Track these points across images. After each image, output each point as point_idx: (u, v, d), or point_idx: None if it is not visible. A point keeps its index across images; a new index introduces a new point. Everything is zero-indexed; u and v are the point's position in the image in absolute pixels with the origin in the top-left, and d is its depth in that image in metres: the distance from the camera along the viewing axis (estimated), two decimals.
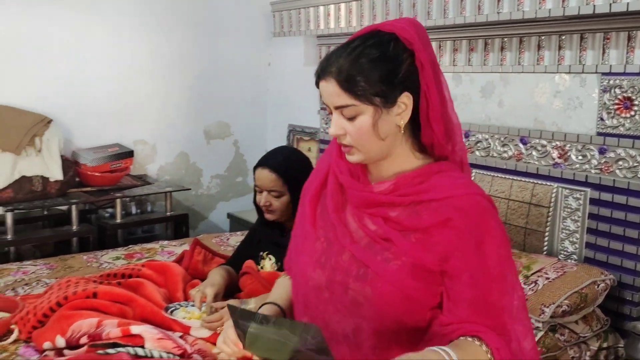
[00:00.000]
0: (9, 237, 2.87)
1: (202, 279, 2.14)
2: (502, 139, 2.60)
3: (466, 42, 2.69)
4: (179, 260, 2.34)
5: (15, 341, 1.91)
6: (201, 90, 3.88)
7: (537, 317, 2.00)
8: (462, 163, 1.18)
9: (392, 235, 1.10)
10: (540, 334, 2.01)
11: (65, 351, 1.77)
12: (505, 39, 2.53)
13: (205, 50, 3.84)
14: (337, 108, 1.11)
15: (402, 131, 1.12)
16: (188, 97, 3.86)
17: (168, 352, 1.70)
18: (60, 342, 1.79)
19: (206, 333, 1.83)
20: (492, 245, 1.07)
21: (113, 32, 3.52)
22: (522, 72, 2.49)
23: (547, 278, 2.10)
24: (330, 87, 1.10)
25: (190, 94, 3.86)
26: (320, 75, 1.11)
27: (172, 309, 1.92)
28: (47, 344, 1.81)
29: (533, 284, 2.09)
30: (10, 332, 1.94)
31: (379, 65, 1.08)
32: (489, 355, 1.03)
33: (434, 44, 2.77)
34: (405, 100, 1.10)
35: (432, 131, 1.12)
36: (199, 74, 3.84)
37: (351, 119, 1.10)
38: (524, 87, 2.50)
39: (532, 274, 2.14)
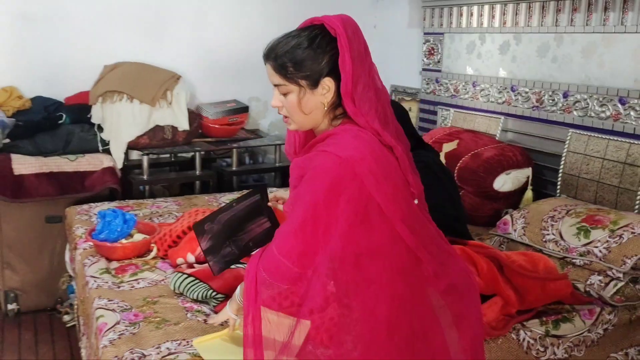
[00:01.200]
0: (144, 177, 3.33)
1: None
2: (600, 99, 2.63)
3: (569, 2, 2.72)
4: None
5: (154, 257, 2.33)
6: None
7: (618, 267, 2.10)
8: (377, 132, 1.36)
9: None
10: (620, 284, 2.11)
11: (195, 265, 2.14)
12: None
13: (315, 13, 4.08)
14: (275, 85, 1.38)
15: (326, 107, 1.36)
16: None
17: None
18: (191, 258, 2.16)
19: None
20: (304, 190, 1.30)
21: (234, 1, 3.85)
22: (625, 32, 2.50)
23: (633, 232, 2.17)
24: (269, 68, 1.38)
25: None
26: (264, 58, 1.39)
27: None
28: (179, 260, 2.19)
29: (618, 238, 2.18)
30: (150, 250, 2.35)
31: (305, 54, 1.33)
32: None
33: (537, 5, 2.83)
34: (328, 84, 1.34)
35: (346, 106, 1.35)
36: None
37: (285, 94, 1.37)
38: (626, 48, 2.51)
39: (618, 229, 2.22)
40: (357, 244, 1.29)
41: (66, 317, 3.02)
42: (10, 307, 3.08)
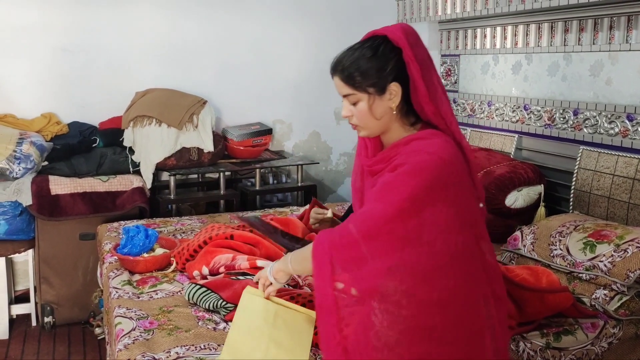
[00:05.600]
0: (171, 196, 3.50)
1: (317, 232, 2.53)
2: (609, 116, 2.66)
3: (576, 22, 2.78)
4: (301, 217, 2.76)
5: (173, 270, 2.47)
6: None
7: (622, 281, 2.12)
8: (453, 135, 1.43)
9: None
10: (625, 298, 2.13)
11: (209, 277, 2.26)
12: (614, 18, 2.59)
13: (337, 38, 4.22)
14: (344, 96, 1.46)
15: (395, 112, 1.44)
16: (321, 81, 4.27)
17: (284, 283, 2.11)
18: (205, 270, 2.29)
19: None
20: (402, 180, 1.34)
21: (257, 27, 4.04)
22: (630, 50, 2.53)
23: (638, 246, 2.18)
24: (337, 81, 1.47)
25: (322, 79, 4.25)
26: (331, 72, 1.48)
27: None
28: (195, 272, 2.32)
29: (622, 252, 2.19)
30: (170, 264, 2.49)
31: (371, 62, 1.42)
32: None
33: (545, 25, 2.90)
34: (394, 88, 1.42)
35: (423, 111, 1.42)
36: (331, 60, 4.23)
37: (354, 104, 1.45)
38: (632, 65, 2.55)
39: (624, 243, 2.23)
40: (450, 246, 1.32)
41: (97, 330, 3.18)
42: (46, 319, 3.26)
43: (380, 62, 1.41)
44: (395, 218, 1.30)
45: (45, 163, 3.32)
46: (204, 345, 1.84)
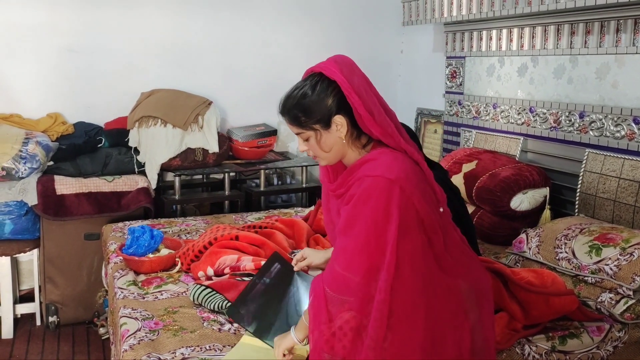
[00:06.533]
0: (176, 197, 3.51)
1: (323, 233, 2.53)
2: (615, 119, 2.65)
3: (583, 25, 2.77)
4: (305, 218, 2.76)
5: (178, 271, 2.47)
6: None
7: (628, 285, 2.11)
8: (404, 150, 1.51)
9: (336, 217, 1.58)
10: (631, 302, 2.12)
11: (214, 278, 2.26)
12: (621, 21, 2.58)
13: (342, 40, 4.23)
14: (296, 134, 1.55)
15: (345, 140, 1.51)
16: None
17: None
18: (210, 271, 2.29)
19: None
20: (360, 209, 1.42)
21: (263, 28, 4.05)
22: (637, 53, 2.53)
23: None
24: (286, 122, 1.55)
25: None
26: (280, 114, 1.56)
27: (295, 253, 2.34)
28: (200, 273, 2.32)
29: (628, 255, 2.18)
30: (175, 264, 2.50)
31: (311, 100, 1.49)
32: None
33: (552, 28, 2.89)
34: (339, 120, 1.49)
35: (373, 133, 1.48)
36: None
37: (305, 140, 1.54)
38: (638, 68, 2.54)
39: (630, 247, 2.22)
40: (397, 254, 1.40)
41: (102, 330, 3.19)
42: (51, 319, 3.27)
43: (319, 98, 1.48)
44: (365, 246, 1.40)
45: (51, 163, 3.33)
46: (209, 346, 1.84)
